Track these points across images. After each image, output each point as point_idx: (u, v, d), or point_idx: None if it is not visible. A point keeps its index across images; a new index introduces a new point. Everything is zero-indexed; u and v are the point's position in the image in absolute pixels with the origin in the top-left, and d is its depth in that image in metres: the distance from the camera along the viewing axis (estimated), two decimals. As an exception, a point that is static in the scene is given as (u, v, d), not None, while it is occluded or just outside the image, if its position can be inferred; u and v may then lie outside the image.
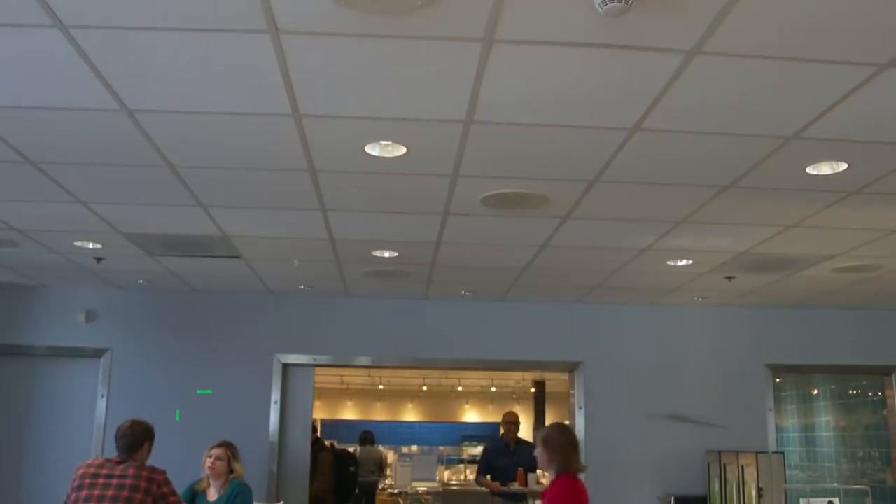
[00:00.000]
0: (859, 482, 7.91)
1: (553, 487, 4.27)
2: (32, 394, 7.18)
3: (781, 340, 7.56)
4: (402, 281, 6.62)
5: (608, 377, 7.30)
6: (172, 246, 5.68)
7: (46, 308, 7.23)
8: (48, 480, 6.78)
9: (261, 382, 7.14)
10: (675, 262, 5.86)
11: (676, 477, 7.12)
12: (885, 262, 5.80)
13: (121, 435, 4.93)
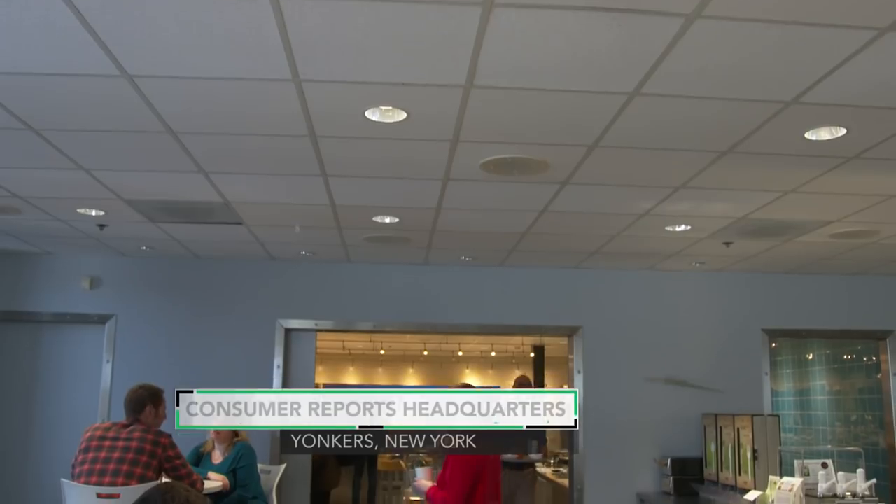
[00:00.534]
0: (853, 445, 7.98)
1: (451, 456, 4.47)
2: (39, 360, 7.22)
3: (778, 306, 7.59)
4: (402, 246, 6.62)
5: (607, 342, 7.34)
6: (174, 212, 5.68)
7: (51, 275, 7.24)
8: (56, 444, 6.85)
9: (264, 347, 7.18)
10: (674, 228, 5.86)
11: (673, 439, 7.18)
12: (882, 228, 5.80)
13: (125, 398, 4.99)
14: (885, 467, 7.60)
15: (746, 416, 6.46)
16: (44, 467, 6.81)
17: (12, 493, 6.97)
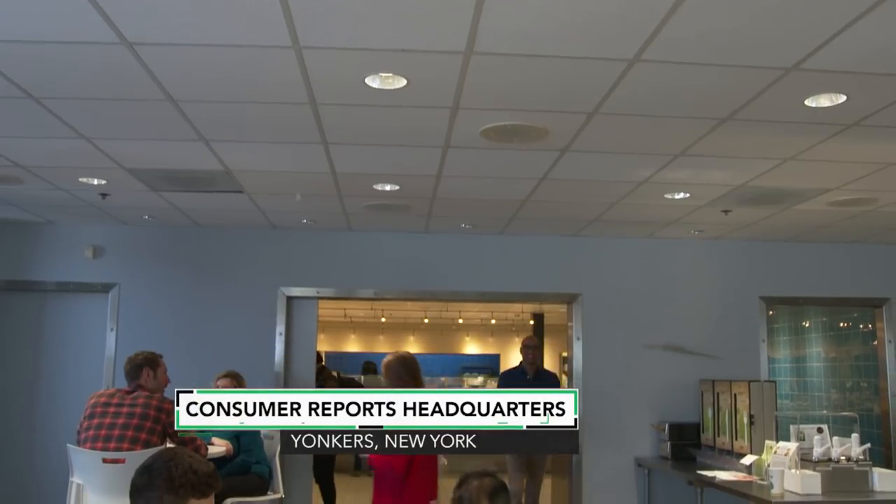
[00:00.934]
0: (848, 411, 8.02)
1: None
2: (44, 328, 7.25)
3: (776, 273, 7.60)
4: (403, 214, 6.61)
5: (606, 309, 7.35)
6: (176, 181, 5.66)
7: (54, 244, 7.24)
8: (61, 411, 6.90)
9: (266, 315, 7.19)
10: (673, 196, 5.84)
11: (671, 405, 7.22)
12: (880, 196, 5.78)
13: (124, 367, 5.02)
14: (879, 432, 7.65)
15: (743, 382, 6.48)
16: (50, 434, 6.86)
17: (19, 458, 7.03)
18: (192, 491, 2.32)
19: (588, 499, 7.15)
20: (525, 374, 7.30)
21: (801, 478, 5.05)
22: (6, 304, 7.26)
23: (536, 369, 7.37)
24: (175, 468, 2.34)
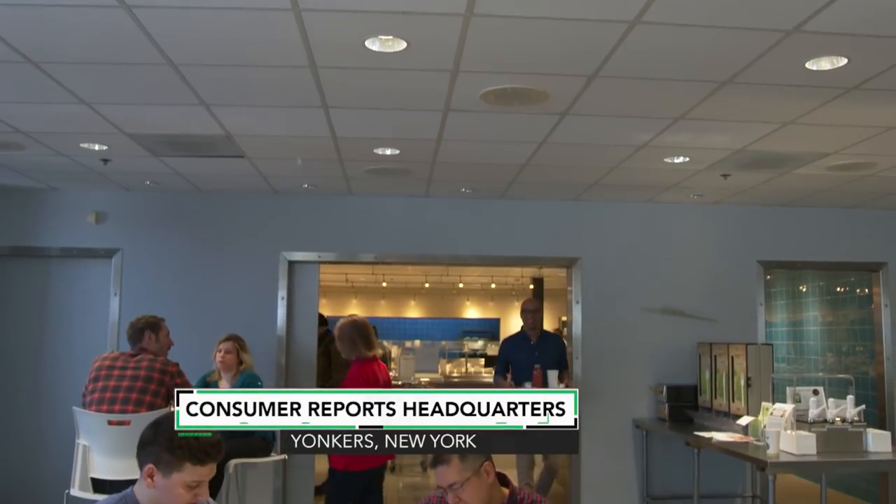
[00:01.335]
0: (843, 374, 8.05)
1: (348, 372, 4.79)
2: (48, 293, 7.26)
3: (774, 238, 7.59)
4: (403, 178, 6.58)
5: (605, 272, 7.35)
6: (177, 146, 5.63)
7: (57, 210, 7.22)
8: (67, 375, 6.92)
9: (268, 279, 7.19)
10: (673, 160, 5.81)
11: (669, 367, 7.25)
12: (880, 161, 5.75)
13: (126, 333, 5.04)
14: (874, 394, 7.70)
15: (741, 345, 6.50)
16: (56, 397, 6.90)
17: (27, 422, 7.08)
18: (188, 455, 2.34)
19: (586, 460, 7.19)
20: (528, 339, 7.06)
21: (796, 438, 5.08)
22: (11, 270, 7.26)
23: (539, 333, 7.13)
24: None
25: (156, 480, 2.34)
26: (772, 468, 4.89)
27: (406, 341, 16.06)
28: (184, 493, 2.35)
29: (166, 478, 2.34)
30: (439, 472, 2.75)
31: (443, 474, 2.74)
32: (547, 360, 6.67)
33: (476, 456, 2.77)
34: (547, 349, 6.88)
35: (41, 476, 6.87)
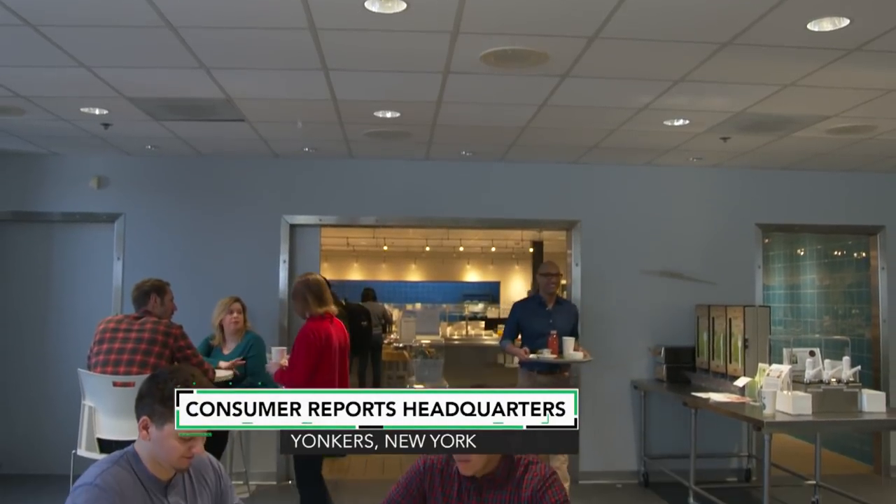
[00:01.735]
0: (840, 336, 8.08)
1: (301, 330, 4.78)
2: (52, 258, 7.26)
3: (772, 201, 7.57)
4: (403, 141, 6.54)
5: (604, 235, 7.34)
6: (177, 110, 5.59)
7: (59, 175, 7.20)
8: (72, 338, 6.95)
9: (269, 243, 7.18)
10: (672, 122, 5.77)
11: (667, 329, 7.27)
12: (879, 123, 5.71)
13: (131, 294, 5.04)
14: (869, 356, 7.73)
15: (738, 307, 6.52)
16: (62, 360, 6.93)
17: (33, 384, 7.13)
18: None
19: (585, 420, 7.23)
20: (544, 304, 6.42)
21: (792, 399, 5.11)
22: (14, 235, 7.26)
23: (556, 299, 6.51)
24: (171, 380, 2.37)
25: (150, 432, 2.36)
26: (768, 428, 4.92)
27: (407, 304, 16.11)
28: (177, 444, 2.36)
29: (159, 429, 2.35)
30: None
31: None
32: (563, 326, 6.27)
33: None
34: (563, 315, 6.41)
35: (48, 437, 6.94)
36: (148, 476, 2.37)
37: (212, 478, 2.57)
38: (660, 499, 6.69)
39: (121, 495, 2.25)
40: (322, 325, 4.78)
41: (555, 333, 6.14)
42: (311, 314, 4.81)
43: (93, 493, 2.20)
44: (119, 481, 2.27)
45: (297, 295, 4.89)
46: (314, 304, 4.82)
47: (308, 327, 4.76)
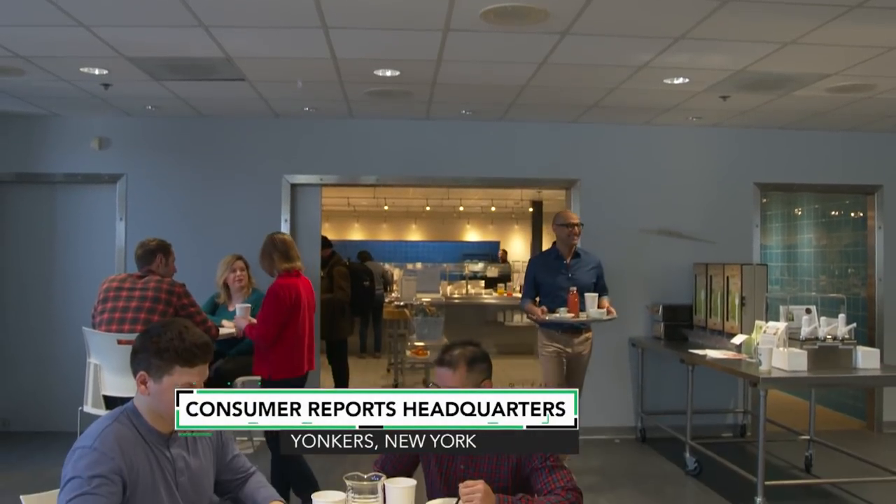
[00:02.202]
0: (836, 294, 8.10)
1: (270, 287, 4.88)
2: (55, 219, 7.24)
3: (771, 160, 7.53)
4: (404, 101, 6.48)
5: (603, 194, 7.31)
6: (177, 69, 5.52)
7: (60, 136, 7.15)
8: (76, 297, 6.99)
9: (271, 202, 7.16)
10: (672, 81, 5.70)
11: (665, 287, 7.28)
12: (879, 82, 5.65)
13: (136, 253, 5.03)
14: (865, 314, 7.74)
15: (736, 266, 6.51)
16: (66, 318, 6.96)
17: (39, 343, 7.16)
18: (176, 357, 2.34)
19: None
20: (561, 258, 5.88)
21: (788, 355, 5.12)
22: (17, 196, 7.23)
23: (575, 253, 5.94)
24: (164, 333, 2.36)
25: (149, 387, 2.35)
26: (763, 384, 4.94)
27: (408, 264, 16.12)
28: None
29: (158, 383, 2.34)
30: (443, 373, 2.77)
31: (446, 378, 2.76)
32: (584, 282, 5.77)
33: (481, 371, 2.80)
34: (582, 270, 5.88)
35: (54, 395, 6.98)
36: (149, 430, 2.37)
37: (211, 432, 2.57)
38: (657, 454, 6.75)
39: (122, 454, 2.24)
40: (290, 282, 4.88)
41: (574, 290, 5.61)
42: (279, 271, 4.90)
43: (92, 457, 2.19)
44: (119, 439, 2.26)
45: (264, 253, 4.97)
46: (280, 260, 4.91)
47: (277, 284, 4.86)
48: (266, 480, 2.65)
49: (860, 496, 5.53)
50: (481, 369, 2.81)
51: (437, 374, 2.80)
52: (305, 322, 4.97)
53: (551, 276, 5.83)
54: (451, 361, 2.77)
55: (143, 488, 2.25)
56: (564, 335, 5.72)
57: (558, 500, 2.52)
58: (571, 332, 5.72)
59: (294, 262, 4.95)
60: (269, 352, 4.83)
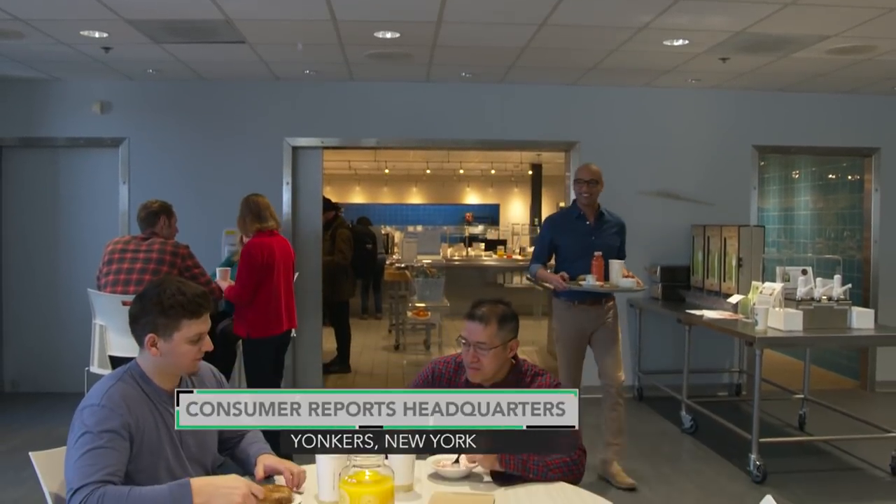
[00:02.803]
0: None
1: (244, 247, 4.97)
2: (58, 183, 7.22)
3: (769, 122, 7.48)
4: (404, 63, 6.42)
5: (602, 156, 7.21)
6: (177, 32, 5.46)
7: (62, 101, 7.10)
8: (80, 260, 7.00)
9: (272, 165, 7.12)
10: (672, 42, 5.64)
11: (663, 249, 7.27)
12: (879, 43, 5.59)
13: (138, 215, 5.01)
14: (860, 276, 7.75)
15: (733, 227, 6.50)
16: (72, 280, 6.98)
17: (45, 305, 7.18)
18: (182, 311, 2.35)
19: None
20: (583, 218, 5.05)
21: (784, 315, 5.13)
22: (21, 160, 7.20)
23: (598, 212, 5.10)
24: (164, 292, 2.36)
25: (160, 347, 2.35)
26: (759, 343, 4.95)
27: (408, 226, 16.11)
28: (190, 348, 2.36)
29: (168, 341, 2.35)
30: (474, 327, 2.76)
31: (476, 331, 2.75)
32: (608, 246, 4.97)
33: (511, 329, 2.80)
34: (608, 232, 5.06)
35: (61, 356, 7.02)
36: (154, 389, 2.38)
37: (213, 385, 2.59)
38: (654, 412, 6.80)
39: (129, 411, 2.26)
40: (263, 241, 4.95)
41: (599, 255, 4.83)
42: (252, 231, 4.99)
43: (102, 413, 2.20)
44: (124, 397, 2.27)
45: (240, 215, 5.06)
46: (252, 221, 4.99)
47: (250, 243, 4.94)
48: (261, 435, 2.67)
49: (852, 453, 5.58)
50: (511, 328, 2.80)
51: (466, 327, 2.78)
52: (281, 280, 5.03)
53: (573, 238, 5.00)
54: (483, 317, 2.76)
55: (148, 445, 2.27)
56: (585, 307, 4.93)
57: (561, 457, 2.54)
58: (593, 303, 4.93)
59: (266, 222, 5.02)
60: (247, 311, 4.92)
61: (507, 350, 2.80)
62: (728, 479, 5.10)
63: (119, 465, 2.16)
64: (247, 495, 2.12)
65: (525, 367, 2.85)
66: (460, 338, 2.80)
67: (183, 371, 2.41)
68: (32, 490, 4.41)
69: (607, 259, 4.88)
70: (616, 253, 5.01)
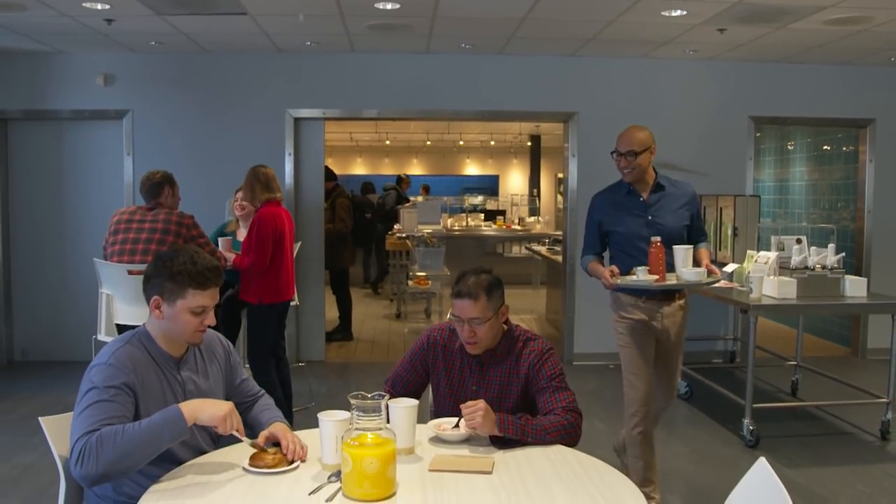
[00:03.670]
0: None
1: (257, 215, 4.99)
2: (63, 155, 7.20)
3: (766, 93, 7.43)
4: (404, 34, 6.36)
5: (601, 127, 7.23)
6: (179, 3, 5.41)
7: (66, 73, 7.05)
8: (86, 231, 7.01)
9: (275, 136, 7.10)
10: (670, 13, 5.59)
11: (660, 219, 7.25)
12: (877, 14, 5.53)
13: (142, 186, 4.99)
14: (853, 246, 7.75)
15: (729, 197, 6.49)
16: (78, 251, 6.99)
17: (52, 275, 7.19)
18: (189, 280, 2.35)
19: (580, 306, 7.34)
20: (635, 194, 4.01)
21: (778, 283, 5.14)
22: (25, 133, 7.17)
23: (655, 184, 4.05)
24: (176, 258, 2.37)
25: (163, 310, 2.36)
26: (754, 311, 4.96)
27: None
28: (191, 318, 2.37)
29: (172, 306, 2.35)
30: (464, 305, 2.72)
31: (467, 308, 2.71)
32: (671, 226, 3.83)
33: (499, 297, 2.79)
34: (669, 209, 3.91)
35: (69, 325, 7.05)
36: (160, 353, 2.39)
37: (221, 353, 2.59)
38: (649, 378, 6.83)
39: (134, 371, 2.27)
40: (275, 210, 5.02)
41: (657, 240, 3.70)
42: (261, 201, 5.03)
43: (108, 372, 2.22)
44: (132, 359, 2.29)
45: (247, 184, 5.11)
46: (262, 191, 5.04)
47: (262, 212, 4.97)
48: (273, 403, 2.68)
49: (843, 418, 5.62)
50: (498, 295, 2.78)
51: (456, 306, 2.74)
52: (288, 250, 5.12)
53: (623, 220, 3.94)
54: (470, 292, 2.71)
55: (153, 408, 2.28)
56: (648, 303, 3.90)
57: (557, 419, 2.55)
58: (658, 299, 3.88)
59: (275, 193, 5.08)
60: (261, 278, 4.97)
61: (499, 317, 2.80)
62: (722, 443, 5.14)
63: (121, 418, 2.17)
64: (232, 408, 2.23)
65: (517, 333, 2.85)
66: (453, 316, 2.78)
67: (185, 340, 2.42)
68: (44, 455, 4.46)
69: (670, 245, 3.75)
70: (683, 235, 3.89)
